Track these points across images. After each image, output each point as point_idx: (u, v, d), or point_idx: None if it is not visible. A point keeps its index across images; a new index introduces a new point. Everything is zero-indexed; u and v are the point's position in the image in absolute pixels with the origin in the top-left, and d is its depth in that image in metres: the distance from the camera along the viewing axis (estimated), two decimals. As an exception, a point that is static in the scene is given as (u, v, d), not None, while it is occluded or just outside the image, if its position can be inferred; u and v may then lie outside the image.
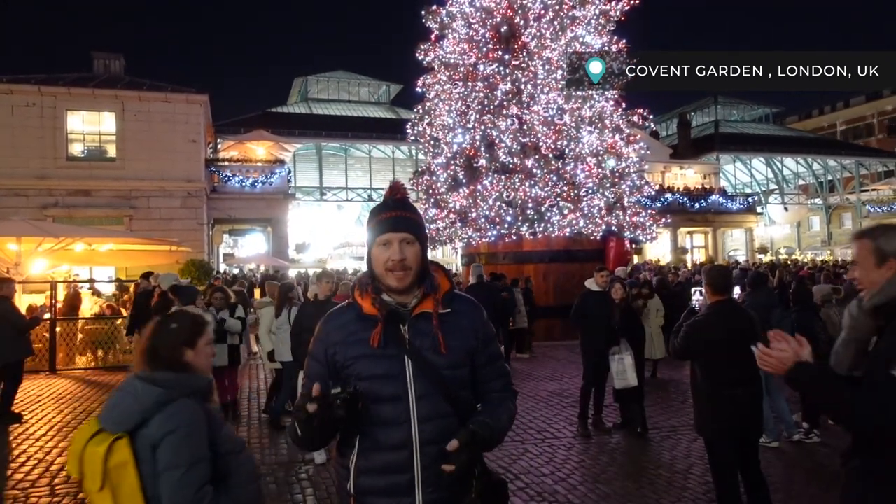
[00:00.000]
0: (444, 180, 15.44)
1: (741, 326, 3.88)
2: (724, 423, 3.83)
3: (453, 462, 1.63)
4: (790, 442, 6.05)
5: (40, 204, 17.80)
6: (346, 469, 1.78)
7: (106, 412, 1.96)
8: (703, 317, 3.98)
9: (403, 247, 1.76)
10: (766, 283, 6.71)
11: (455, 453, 1.64)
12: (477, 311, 1.91)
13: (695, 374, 4.04)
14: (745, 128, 40.28)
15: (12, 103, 17.99)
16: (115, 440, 1.87)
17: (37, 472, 5.58)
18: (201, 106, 20.07)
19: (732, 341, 3.79)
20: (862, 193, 37.13)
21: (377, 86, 38.12)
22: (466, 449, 1.65)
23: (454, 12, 15.33)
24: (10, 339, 7.29)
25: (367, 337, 1.75)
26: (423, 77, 16.13)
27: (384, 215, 1.80)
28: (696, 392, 4.06)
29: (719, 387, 3.84)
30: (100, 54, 21.86)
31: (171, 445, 1.88)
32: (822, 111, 55.13)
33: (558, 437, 6.42)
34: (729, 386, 3.80)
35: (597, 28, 14.87)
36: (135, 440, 1.89)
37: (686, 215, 31.12)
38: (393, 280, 1.76)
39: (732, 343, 3.79)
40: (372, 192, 31.81)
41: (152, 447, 1.89)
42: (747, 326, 3.91)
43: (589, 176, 14.25)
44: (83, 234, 12.74)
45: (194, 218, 19.45)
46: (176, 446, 1.88)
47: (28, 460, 5.90)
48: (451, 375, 1.77)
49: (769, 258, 32.44)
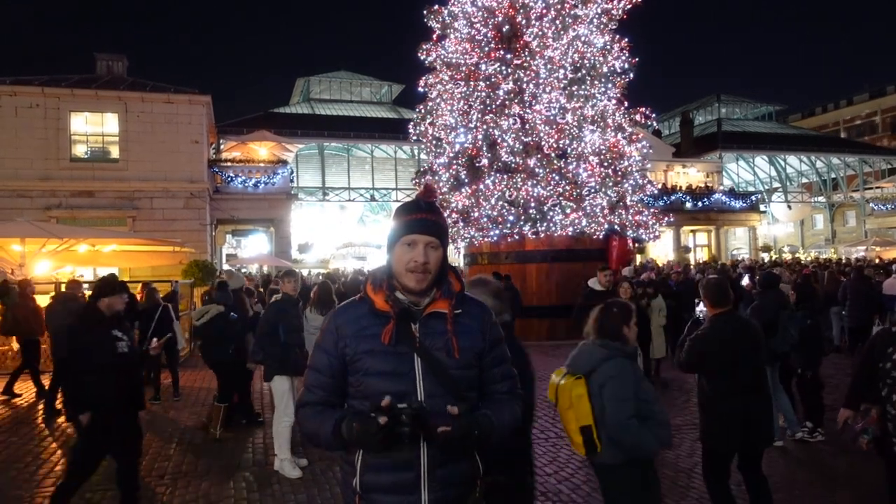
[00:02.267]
0: (446, 180, 15.44)
1: (743, 337, 3.88)
2: (731, 436, 3.79)
3: (450, 425, 1.63)
4: (793, 440, 6.04)
5: (44, 205, 17.86)
6: (352, 466, 1.78)
7: (571, 361, 3.09)
8: (704, 330, 3.97)
9: (428, 250, 1.77)
10: (776, 285, 6.68)
11: (454, 417, 1.65)
12: (485, 313, 1.91)
13: (702, 387, 4.03)
14: (748, 126, 40.17)
15: (16, 104, 18.05)
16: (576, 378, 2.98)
17: (42, 471, 5.61)
18: (204, 107, 20.10)
19: (735, 352, 3.80)
20: (866, 191, 36.99)
21: (379, 86, 38.15)
22: (465, 418, 1.66)
23: (456, 12, 15.32)
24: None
25: (378, 333, 1.75)
26: (425, 77, 16.13)
27: (414, 216, 1.81)
28: (706, 404, 3.99)
29: (726, 398, 3.81)
30: (103, 55, 21.89)
31: (612, 386, 2.90)
32: (826, 109, 54.96)
33: (562, 437, 6.41)
34: (736, 396, 3.78)
35: (599, 27, 14.86)
36: (588, 381, 2.95)
37: (689, 214, 31.07)
38: (412, 281, 1.77)
39: (736, 354, 3.79)
40: (374, 192, 31.85)
41: (599, 386, 2.93)
42: (750, 337, 3.90)
43: (591, 175, 14.23)
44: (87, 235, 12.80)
45: (197, 219, 19.48)
46: (615, 387, 2.89)
47: (34, 460, 5.93)
48: (460, 376, 1.78)
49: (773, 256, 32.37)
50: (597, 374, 2.94)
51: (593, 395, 2.92)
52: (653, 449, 2.92)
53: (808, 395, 6.28)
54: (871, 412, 3.49)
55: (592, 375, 2.96)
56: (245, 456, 6.01)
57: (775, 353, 5.78)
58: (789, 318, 6.01)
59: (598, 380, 2.93)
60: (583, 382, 2.95)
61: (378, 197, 31.99)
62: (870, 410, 3.49)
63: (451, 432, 1.63)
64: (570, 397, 2.95)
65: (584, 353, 3.07)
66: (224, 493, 5.01)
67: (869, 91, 51.28)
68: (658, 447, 2.94)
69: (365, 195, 31.96)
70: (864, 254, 27.27)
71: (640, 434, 2.84)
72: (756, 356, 3.90)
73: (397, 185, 31.50)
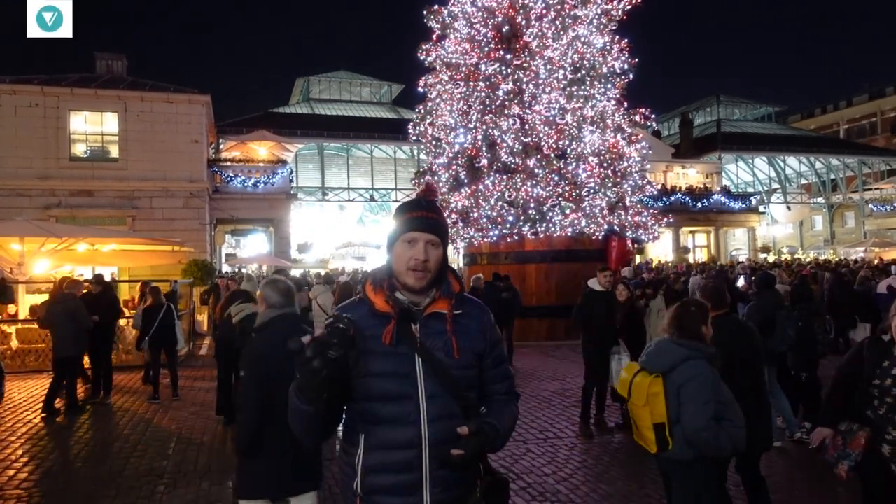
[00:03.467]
0: (445, 180, 15.45)
1: (741, 340, 3.88)
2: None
3: (462, 447, 1.66)
4: (792, 441, 6.05)
5: (43, 204, 17.84)
6: (352, 468, 1.77)
7: (647, 359, 3.06)
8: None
9: (428, 248, 1.77)
10: (773, 285, 6.70)
11: (465, 439, 1.66)
12: (485, 314, 1.92)
13: None
14: (748, 127, 40.20)
15: (15, 104, 18.04)
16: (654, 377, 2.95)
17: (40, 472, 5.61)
18: (203, 106, 20.10)
19: (732, 354, 3.80)
20: (865, 192, 37.04)
21: (379, 86, 38.14)
22: (475, 437, 1.68)
23: (456, 12, 15.33)
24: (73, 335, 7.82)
25: (378, 333, 1.74)
26: (425, 77, 16.14)
27: (415, 214, 1.80)
28: None
29: None
30: (102, 55, 21.87)
31: (693, 388, 2.89)
32: (825, 110, 55.01)
33: (560, 437, 6.43)
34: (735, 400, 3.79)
35: (598, 27, 14.87)
36: (665, 380, 2.93)
37: (688, 215, 31.08)
38: (412, 279, 1.76)
39: (733, 356, 3.79)
40: (374, 193, 31.85)
41: (678, 386, 2.91)
42: (747, 339, 3.91)
43: (591, 176, 14.24)
44: (86, 235, 12.79)
45: (196, 218, 19.47)
46: (695, 388, 2.88)
47: (32, 460, 5.93)
48: (461, 376, 1.78)
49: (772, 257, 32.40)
50: (675, 374, 2.95)
51: (669, 394, 2.94)
52: (726, 448, 2.95)
53: (807, 395, 6.29)
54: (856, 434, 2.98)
55: (670, 375, 2.96)
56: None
57: (773, 354, 5.79)
58: (786, 317, 6.02)
59: (677, 380, 2.94)
60: (660, 381, 2.96)
61: (377, 197, 32.00)
62: (854, 432, 3.00)
63: (464, 455, 1.66)
64: (645, 394, 2.96)
65: (663, 352, 3.06)
66: (223, 493, 5.01)
67: (869, 92, 51.35)
68: (732, 449, 2.96)
69: (364, 195, 31.96)
70: (863, 255, 27.30)
71: (717, 436, 2.87)
72: (753, 358, 3.90)
73: (397, 185, 31.50)
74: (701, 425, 2.84)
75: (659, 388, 2.94)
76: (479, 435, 1.69)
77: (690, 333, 3.05)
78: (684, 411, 2.88)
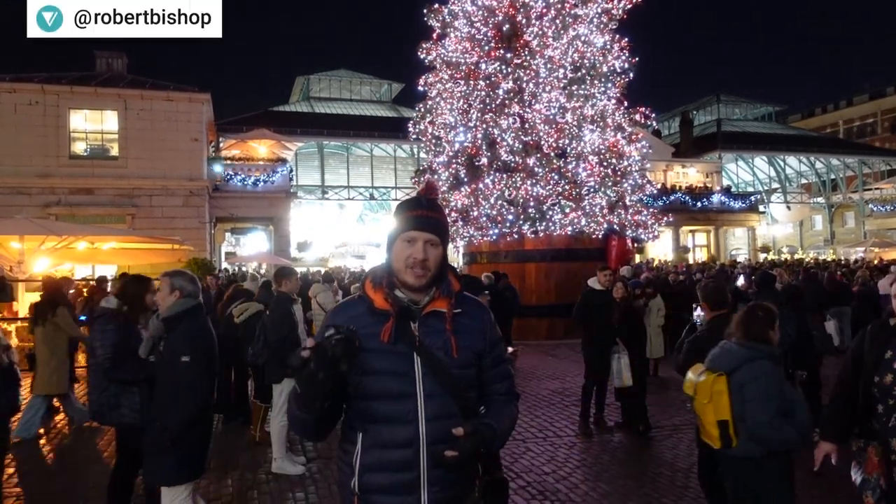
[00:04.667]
0: (445, 179, 15.44)
1: None
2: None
3: (457, 449, 1.65)
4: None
5: (43, 202, 17.84)
6: (350, 467, 1.77)
7: (713, 361, 3.15)
8: (702, 333, 4.02)
9: (427, 248, 1.76)
10: (773, 285, 6.70)
11: (461, 440, 1.66)
12: (485, 314, 1.92)
13: None
14: (748, 126, 40.18)
15: (15, 102, 18.03)
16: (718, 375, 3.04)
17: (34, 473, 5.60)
18: (203, 104, 20.09)
19: None
20: (865, 192, 37.03)
21: (379, 84, 38.11)
22: (471, 438, 1.67)
23: (456, 10, 15.32)
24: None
25: (377, 331, 1.73)
26: (425, 76, 16.12)
27: (415, 212, 1.80)
28: None
29: None
30: (102, 53, 21.86)
31: (755, 386, 2.97)
32: (825, 109, 55.05)
33: (560, 436, 6.43)
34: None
35: (599, 26, 14.86)
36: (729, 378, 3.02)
37: (688, 214, 31.06)
38: (411, 277, 1.76)
39: None
40: (373, 191, 31.84)
41: (740, 385, 3.00)
42: None
43: (591, 175, 14.23)
44: (86, 233, 12.76)
45: (196, 216, 19.48)
46: (758, 387, 2.97)
47: (29, 460, 5.92)
48: (460, 375, 1.77)
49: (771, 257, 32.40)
50: (738, 374, 3.03)
51: (733, 393, 3.02)
52: (794, 442, 3.00)
53: (806, 395, 6.28)
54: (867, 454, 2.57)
55: (734, 374, 3.04)
56: (243, 454, 6.01)
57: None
58: (786, 317, 6.01)
59: (739, 379, 3.02)
60: (724, 379, 3.03)
61: (377, 196, 31.98)
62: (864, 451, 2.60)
63: (458, 456, 1.65)
64: (710, 393, 3.05)
65: (727, 354, 3.15)
66: (223, 492, 5.01)
67: (869, 92, 51.38)
68: (799, 441, 3.01)
69: (364, 194, 31.95)
70: (863, 255, 27.29)
71: (781, 429, 2.95)
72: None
73: (397, 183, 31.49)
74: (764, 420, 2.92)
75: (722, 386, 3.02)
76: (474, 436, 1.67)
77: (757, 336, 3.12)
78: (748, 409, 2.96)
